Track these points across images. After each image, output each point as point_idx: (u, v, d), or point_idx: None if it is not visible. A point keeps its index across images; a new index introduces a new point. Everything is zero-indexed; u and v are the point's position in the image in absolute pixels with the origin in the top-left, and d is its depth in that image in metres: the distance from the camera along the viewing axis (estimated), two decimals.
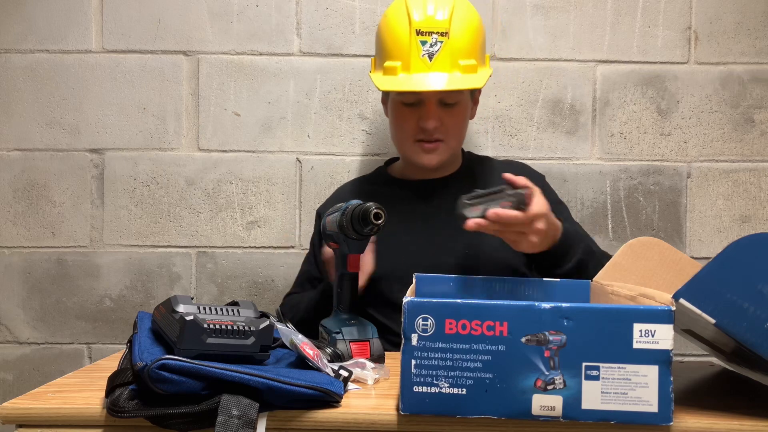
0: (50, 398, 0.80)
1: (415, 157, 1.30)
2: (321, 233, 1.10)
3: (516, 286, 1.02)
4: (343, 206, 1.00)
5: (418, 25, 1.21)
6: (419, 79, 1.20)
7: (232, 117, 1.58)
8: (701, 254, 1.57)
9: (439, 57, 1.20)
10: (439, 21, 1.20)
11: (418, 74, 1.20)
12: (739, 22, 1.57)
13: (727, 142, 1.58)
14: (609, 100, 1.58)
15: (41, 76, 1.58)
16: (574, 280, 1.03)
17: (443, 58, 1.20)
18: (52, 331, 1.58)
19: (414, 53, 1.20)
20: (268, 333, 0.83)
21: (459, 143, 1.35)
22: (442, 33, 1.20)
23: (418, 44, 1.20)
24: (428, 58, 1.20)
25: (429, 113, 1.24)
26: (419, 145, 1.28)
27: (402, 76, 1.22)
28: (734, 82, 1.57)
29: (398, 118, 1.30)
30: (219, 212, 1.58)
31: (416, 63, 1.20)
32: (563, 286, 1.01)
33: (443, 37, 1.20)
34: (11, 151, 1.58)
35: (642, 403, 0.71)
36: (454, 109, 1.27)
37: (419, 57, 1.20)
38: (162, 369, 0.71)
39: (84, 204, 1.58)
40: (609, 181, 1.58)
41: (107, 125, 1.58)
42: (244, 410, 0.71)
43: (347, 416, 0.76)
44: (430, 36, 1.20)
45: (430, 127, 1.24)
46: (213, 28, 1.58)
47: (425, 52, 1.20)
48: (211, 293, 1.58)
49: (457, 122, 1.29)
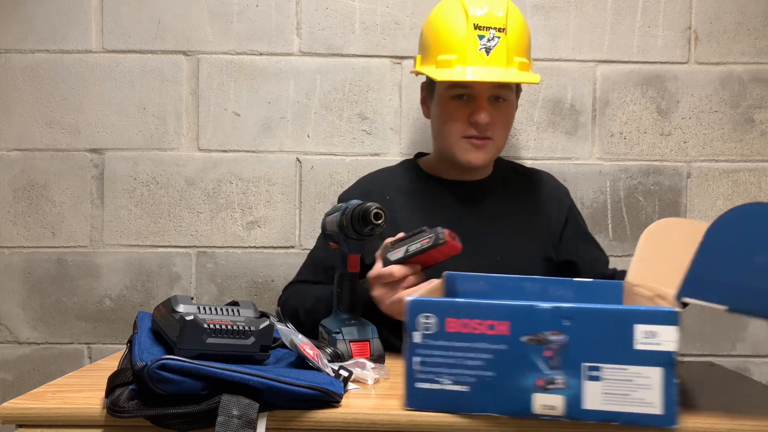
0: (50, 398, 0.80)
1: (462, 154, 1.27)
2: (322, 230, 1.10)
3: (547, 285, 0.98)
4: (343, 206, 1.00)
5: (477, 19, 1.20)
6: (478, 71, 1.19)
7: (232, 117, 1.58)
8: None
9: (496, 52, 1.20)
10: (497, 17, 1.21)
11: (476, 67, 1.19)
12: (739, 22, 1.57)
13: (727, 142, 1.58)
14: (609, 100, 1.58)
15: (41, 76, 1.58)
16: (608, 281, 0.99)
17: (500, 53, 1.20)
18: (52, 331, 1.58)
19: (471, 47, 1.20)
20: (268, 333, 0.83)
21: (504, 144, 1.32)
22: (500, 29, 1.20)
23: (476, 38, 1.20)
24: (485, 52, 1.20)
25: (481, 107, 1.22)
26: (468, 142, 1.25)
27: (458, 68, 1.20)
28: (734, 82, 1.57)
29: (447, 113, 1.26)
30: (219, 212, 1.58)
31: (473, 56, 1.20)
32: (596, 286, 0.97)
33: (501, 33, 1.20)
34: (11, 151, 1.58)
35: (645, 405, 0.71)
36: (503, 106, 1.26)
37: (476, 51, 1.20)
38: (162, 369, 0.71)
39: (84, 204, 1.58)
40: (609, 181, 1.58)
41: (107, 125, 1.58)
42: (244, 410, 0.71)
43: (347, 416, 0.76)
44: (487, 31, 1.20)
45: (483, 122, 1.22)
46: (213, 28, 1.58)
47: (482, 47, 1.20)
48: (211, 293, 1.58)
49: (506, 120, 1.28)
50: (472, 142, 1.25)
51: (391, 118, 1.58)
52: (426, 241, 1.02)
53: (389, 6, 1.57)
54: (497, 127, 1.25)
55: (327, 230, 1.05)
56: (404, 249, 1.03)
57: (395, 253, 1.04)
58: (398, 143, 1.58)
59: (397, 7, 1.57)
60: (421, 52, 1.31)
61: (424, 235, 1.03)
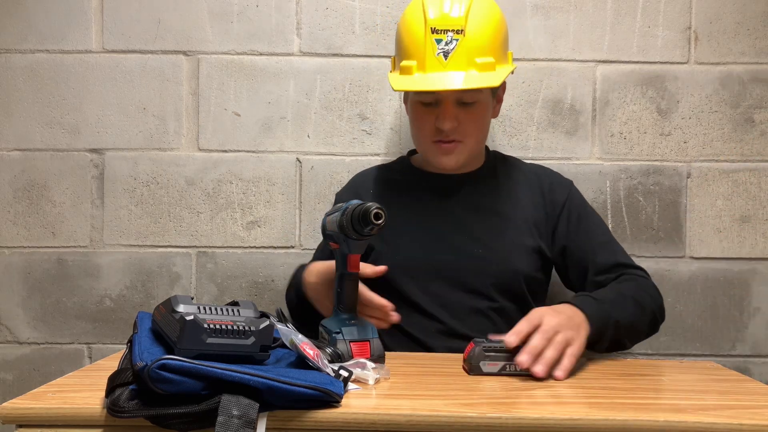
0: (50, 398, 0.80)
1: (433, 158, 1.29)
2: (322, 230, 1.10)
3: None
4: (343, 206, 0.99)
5: (433, 23, 1.19)
6: (434, 78, 1.19)
7: (232, 117, 1.58)
8: (701, 254, 1.57)
9: (454, 55, 1.18)
10: (453, 18, 1.18)
11: (433, 73, 1.19)
12: (739, 22, 1.57)
13: (727, 142, 1.58)
14: (609, 100, 1.58)
15: (41, 76, 1.58)
16: None
17: (458, 56, 1.18)
18: (52, 331, 1.58)
19: (429, 52, 1.19)
20: (268, 333, 0.83)
21: (478, 143, 1.32)
22: (458, 31, 1.18)
23: (433, 43, 1.19)
24: (443, 56, 1.19)
25: (446, 113, 1.23)
26: (437, 146, 1.27)
27: (417, 76, 1.20)
28: (734, 82, 1.57)
29: (416, 119, 1.29)
30: (219, 212, 1.58)
31: (431, 62, 1.19)
32: None
33: (458, 35, 1.18)
34: (11, 151, 1.58)
35: None
36: (472, 108, 1.25)
37: (434, 56, 1.18)
38: (162, 369, 0.71)
39: (84, 204, 1.58)
40: (609, 181, 1.58)
41: (107, 125, 1.58)
42: (244, 410, 0.71)
43: (347, 416, 0.76)
44: (444, 34, 1.18)
45: (446, 128, 1.23)
46: (213, 28, 1.58)
47: (440, 51, 1.19)
48: (211, 293, 1.58)
49: (475, 122, 1.27)
50: (439, 146, 1.26)
51: (391, 118, 1.58)
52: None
53: (389, 6, 1.57)
54: (466, 129, 1.26)
55: (327, 230, 1.05)
56: (501, 365, 0.97)
57: (490, 365, 0.96)
58: (398, 143, 1.58)
59: (397, 7, 1.57)
60: (395, 54, 1.31)
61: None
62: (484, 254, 1.26)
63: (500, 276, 1.25)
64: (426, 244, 1.27)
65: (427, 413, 0.76)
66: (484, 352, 0.96)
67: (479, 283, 1.25)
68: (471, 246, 1.26)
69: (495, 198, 1.32)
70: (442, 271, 1.25)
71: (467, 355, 0.98)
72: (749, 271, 1.57)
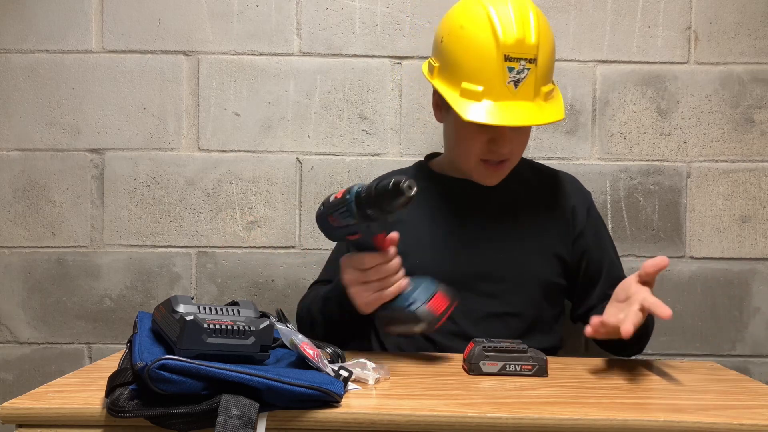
0: (50, 398, 0.80)
1: (479, 177, 1.25)
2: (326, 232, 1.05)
3: None
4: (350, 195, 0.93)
5: (508, 50, 1.10)
6: (506, 109, 1.12)
7: (232, 117, 1.58)
8: (701, 254, 1.57)
9: (524, 85, 1.12)
10: (529, 45, 1.11)
11: (504, 103, 1.12)
12: (739, 22, 1.57)
13: (727, 142, 1.58)
14: (609, 100, 1.58)
15: (41, 76, 1.58)
16: None
17: (528, 86, 1.12)
18: (52, 331, 1.58)
19: (499, 80, 1.11)
20: (268, 333, 0.83)
21: (519, 159, 1.29)
22: (531, 60, 1.11)
23: (506, 71, 1.11)
24: (513, 85, 1.12)
25: (505, 139, 1.17)
26: (484, 165, 1.22)
27: (486, 104, 1.12)
28: (734, 82, 1.57)
29: (467, 137, 1.21)
30: (219, 212, 1.58)
31: (501, 91, 1.12)
32: None
33: (531, 64, 1.11)
34: (11, 151, 1.58)
35: None
36: (524, 131, 1.23)
37: (504, 84, 1.11)
38: (162, 369, 0.71)
39: (84, 204, 1.58)
40: (609, 181, 1.58)
41: (107, 125, 1.58)
42: (244, 410, 0.71)
43: (347, 416, 0.76)
44: (518, 63, 1.11)
45: (505, 153, 1.19)
46: (213, 28, 1.58)
47: (511, 80, 1.12)
48: (211, 293, 1.58)
49: (524, 142, 1.25)
50: (489, 167, 1.22)
51: (391, 118, 1.58)
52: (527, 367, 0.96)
53: (389, 6, 1.57)
54: (517, 150, 1.24)
55: (336, 225, 0.99)
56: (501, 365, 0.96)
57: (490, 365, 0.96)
58: (398, 143, 1.58)
59: (397, 7, 1.57)
60: (438, 60, 1.22)
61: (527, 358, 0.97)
62: (503, 259, 1.25)
63: (518, 280, 1.24)
64: (446, 247, 1.26)
65: (427, 413, 0.76)
66: (484, 352, 0.96)
67: (496, 287, 1.24)
68: (491, 251, 1.25)
69: (516, 202, 1.31)
70: (460, 275, 1.22)
71: (467, 355, 0.98)
72: (749, 271, 1.57)
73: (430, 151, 1.47)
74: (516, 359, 0.96)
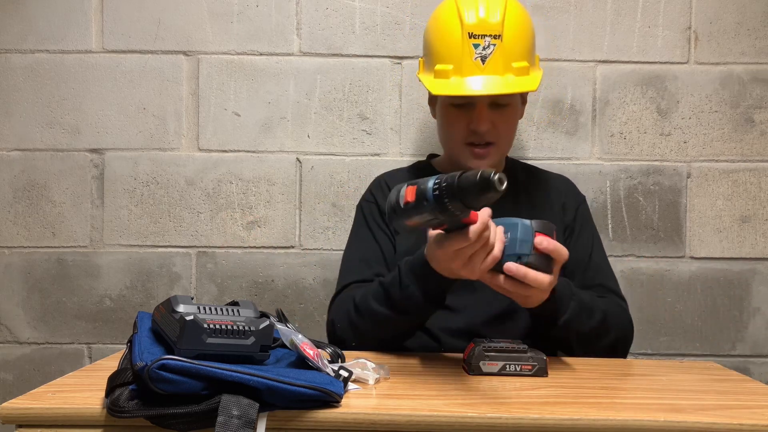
0: (50, 398, 0.80)
1: (465, 161, 1.26)
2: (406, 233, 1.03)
3: None
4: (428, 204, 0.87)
5: (471, 27, 1.18)
6: (472, 81, 1.18)
7: (232, 117, 1.58)
8: (701, 254, 1.57)
9: (491, 60, 1.18)
10: (492, 23, 1.18)
11: (472, 77, 1.18)
12: (739, 22, 1.57)
13: (727, 142, 1.58)
14: (609, 100, 1.58)
15: (41, 76, 1.58)
16: None
17: (496, 61, 1.18)
18: (52, 331, 1.58)
19: (466, 57, 1.18)
20: (268, 333, 0.83)
21: (509, 146, 1.32)
22: (495, 36, 1.18)
23: (471, 47, 1.18)
24: (481, 61, 1.18)
25: (481, 116, 1.22)
26: (470, 149, 1.25)
27: (454, 80, 1.20)
28: (734, 82, 1.57)
29: (448, 121, 1.27)
30: (219, 212, 1.58)
31: (469, 66, 1.18)
32: None
33: (496, 39, 1.18)
34: (11, 151, 1.58)
35: None
36: (505, 110, 1.24)
37: (472, 60, 1.18)
38: (162, 369, 0.71)
39: (84, 204, 1.58)
40: (609, 181, 1.58)
41: (107, 125, 1.58)
42: (244, 410, 0.71)
43: (347, 416, 0.76)
44: (482, 39, 1.18)
45: (482, 130, 1.22)
46: (213, 28, 1.58)
47: (478, 55, 1.18)
48: (211, 293, 1.58)
49: (508, 124, 1.27)
50: (473, 150, 1.25)
51: (391, 118, 1.58)
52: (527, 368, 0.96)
53: (389, 6, 1.57)
54: (499, 131, 1.25)
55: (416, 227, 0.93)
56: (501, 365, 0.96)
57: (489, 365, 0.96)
58: (398, 143, 1.58)
59: (397, 7, 1.57)
60: (423, 56, 1.30)
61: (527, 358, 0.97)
62: None
63: None
64: None
65: (427, 413, 0.76)
66: (484, 352, 0.96)
67: None
68: None
69: (515, 204, 1.31)
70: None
71: (467, 355, 0.98)
72: (749, 271, 1.57)
73: (430, 152, 1.47)
74: (516, 359, 0.96)
